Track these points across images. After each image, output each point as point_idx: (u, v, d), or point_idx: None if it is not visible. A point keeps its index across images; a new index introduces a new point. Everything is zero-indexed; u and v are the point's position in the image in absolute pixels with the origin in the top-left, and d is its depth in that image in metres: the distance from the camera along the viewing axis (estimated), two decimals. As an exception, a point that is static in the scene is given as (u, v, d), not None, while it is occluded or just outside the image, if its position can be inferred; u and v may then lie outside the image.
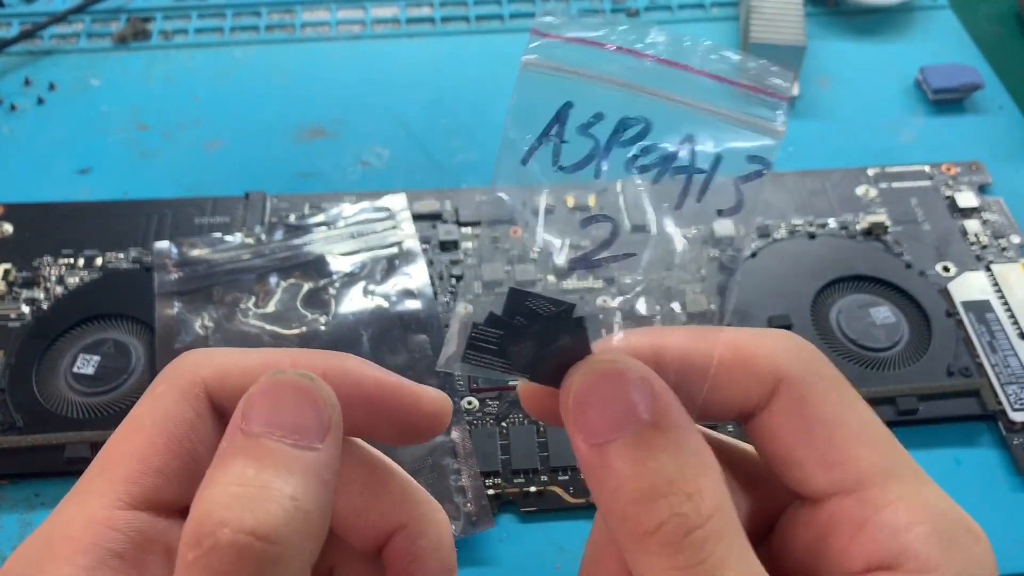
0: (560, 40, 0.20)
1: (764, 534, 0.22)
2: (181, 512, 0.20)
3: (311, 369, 0.21)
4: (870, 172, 0.48)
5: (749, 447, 0.22)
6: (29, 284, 0.43)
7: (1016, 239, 0.45)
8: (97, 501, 0.19)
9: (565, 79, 0.20)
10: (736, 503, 0.21)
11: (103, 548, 0.18)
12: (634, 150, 0.20)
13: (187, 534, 0.17)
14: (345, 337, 0.40)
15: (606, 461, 0.18)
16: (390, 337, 0.40)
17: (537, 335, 0.20)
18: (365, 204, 0.45)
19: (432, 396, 0.22)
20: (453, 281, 0.44)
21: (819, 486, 0.19)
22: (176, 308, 0.41)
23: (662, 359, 0.20)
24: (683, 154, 0.20)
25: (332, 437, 0.19)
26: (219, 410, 0.21)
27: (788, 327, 0.40)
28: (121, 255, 0.44)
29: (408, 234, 0.44)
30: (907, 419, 0.38)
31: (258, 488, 0.17)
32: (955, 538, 0.18)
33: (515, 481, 0.36)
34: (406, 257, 0.43)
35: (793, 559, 0.21)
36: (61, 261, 0.44)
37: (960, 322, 0.41)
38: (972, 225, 0.45)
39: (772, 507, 0.22)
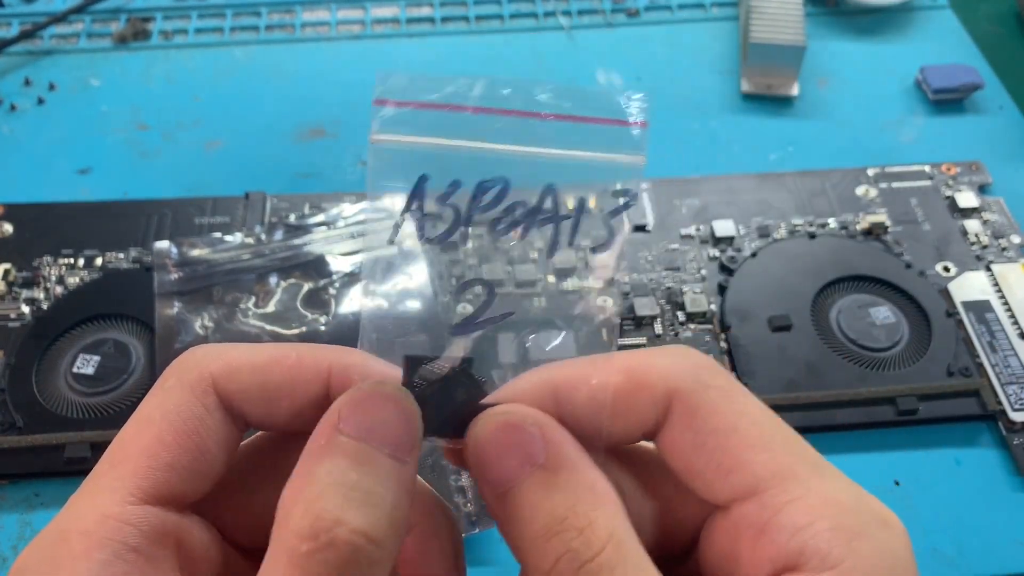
0: (407, 107, 0.20)
1: (692, 543, 0.22)
2: (191, 506, 0.21)
3: (317, 364, 0.21)
4: (870, 172, 0.48)
5: None
6: (29, 284, 0.43)
7: (1016, 239, 0.45)
8: (109, 496, 0.19)
9: (417, 150, 0.20)
10: (658, 510, 0.22)
11: (118, 542, 0.19)
12: (497, 212, 0.21)
13: (300, 526, 0.18)
14: (345, 337, 0.40)
15: (509, 508, 0.19)
16: (390, 337, 0.40)
17: (436, 395, 0.21)
18: (365, 204, 0.45)
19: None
20: (453, 281, 0.44)
21: (721, 494, 0.20)
22: (176, 308, 0.41)
23: (560, 396, 0.21)
24: (546, 205, 0.21)
25: (416, 452, 0.20)
26: (227, 405, 0.21)
27: (788, 327, 0.40)
28: (121, 255, 0.44)
29: (408, 234, 0.44)
30: (907, 419, 0.38)
31: (365, 493, 0.18)
32: (859, 530, 0.18)
33: (515, 481, 0.36)
34: (406, 257, 0.43)
35: (715, 567, 0.21)
36: (61, 261, 0.44)
37: (960, 322, 0.41)
38: (972, 225, 0.45)
39: (697, 513, 0.22)
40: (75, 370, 0.39)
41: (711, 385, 0.20)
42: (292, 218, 0.45)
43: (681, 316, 0.42)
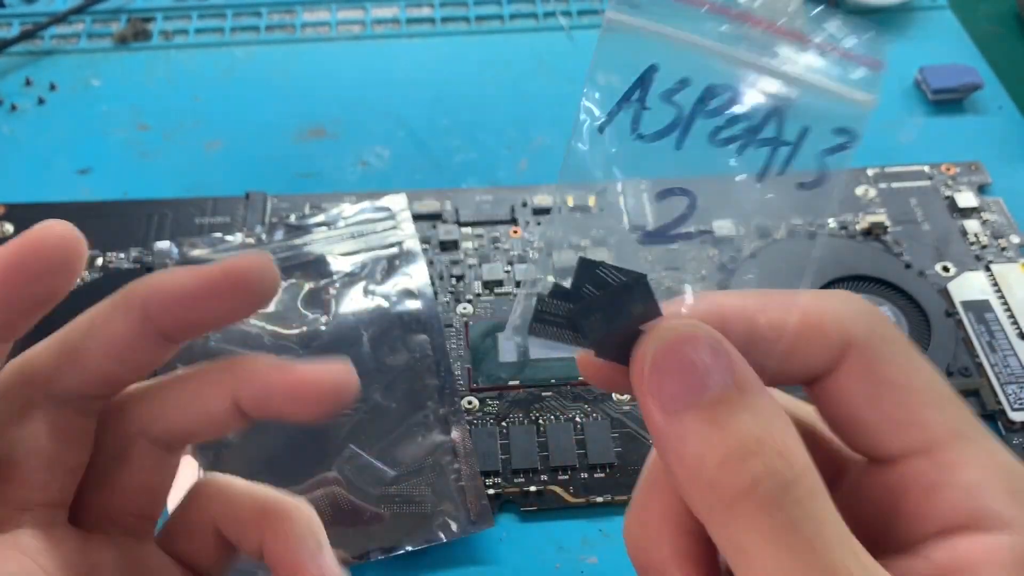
0: None
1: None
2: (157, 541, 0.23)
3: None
4: (870, 172, 0.48)
5: (800, 408, 0.22)
6: (30, 284, 0.43)
7: (1015, 239, 0.45)
8: None
9: (650, 38, 0.18)
10: None
11: None
12: (719, 121, 0.19)
13: None
14: (345, 337, 0.40)
15: (685, 428, 0.18)
16: (390, 337, 0.40)
17: (606, 306, 0.19)
18: (365, 204, 0.45)
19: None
20: (453, 281, 0.44)
21: (890, 448, 0.19)
22: (176, 308, 0.41)
23: (729, 326, 0.20)
24: (770, 127, 0.19)
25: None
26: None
27: (788, 327, 0.40)
28: (122, 255, 0.44)
29: (408, 234, 0.44)
30: (907, 419, 0.38)
31: None
32: None
33: (515, 481, 0.36)
34: (406, 257, 0.43)
35: (857, 523, 0.20)
36: (61, 261, 0.44)
37: (960, 322, 0.41)
38: (972, 225, 0.45)
39: (829, 469, 0.21)
40: (76, 370, 0.39)
41: (888, 337, 0.20)
42: (292, 218, 0.45)
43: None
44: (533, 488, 0.36)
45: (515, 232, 0.45)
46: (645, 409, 0.19)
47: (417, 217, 0.45)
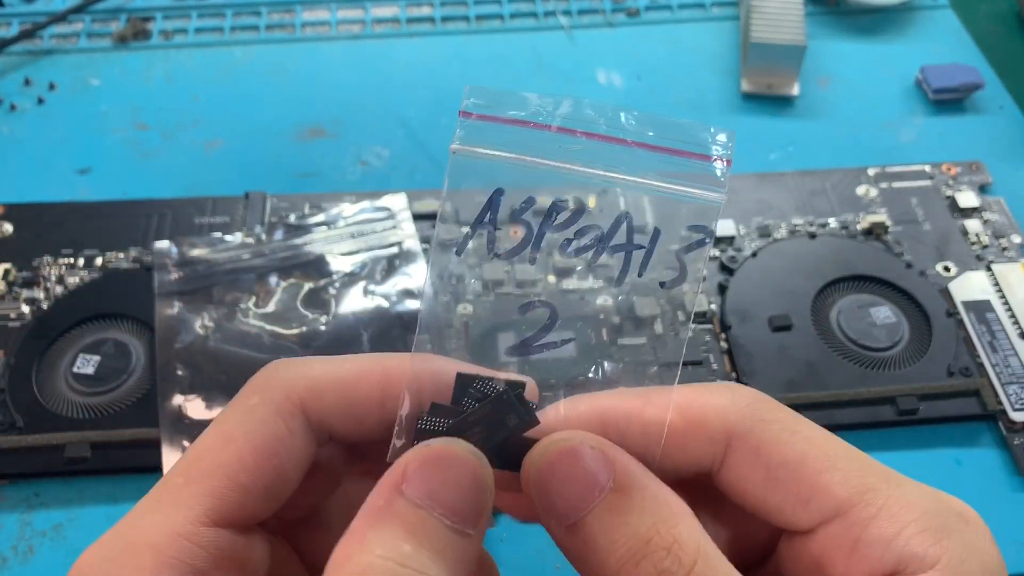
0: (489, 121, 0.20)
1: (765, 556, 0.22)
2: (258, 526, 0.21)
3: (402, 377, 0.21)
4: (870, 172, 0.48)
5: None
6: (29, 284, 0.43)
7: (1017, 239, 0.45)
8: (183, 514, 0.19)
9: (496, 163, 0.20)
10: (727, 534, 0.22)
11: (186, 564, 0.18)
12: (568, 233, 0.20)
13: None
14: (345, 337, 0.40)
15: (582, 538, 0.19)
16: (390, 337, 0.40)
17: (485, 418, 0.20)
18: (365, 204, 0.45)
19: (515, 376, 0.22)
20: (453, 281, 0.43)
21: (802, 522, 0.20)
22: (176, 308, 0.41)
23: (609, 428, 0.20)
24: (620, 232, 0.20)
25: (483, 523, 0.19)
26: (313, 425, 0.21)
27: (788, 327, 0.40)
28: (121, 255, 0.44)
29: (408, 234, 0.44)
30: (907, 419, 0.38)
31: (414, 572, 0.17)
32: (945, 527, 0.19)
33: (515, 481, 0.36)
34: (406, 257, 0.43)
35: None
36: (61, 261, 0.44)
37: (960, 322, 0.41)
38: (972, 225, 0.45)
39: (768, 530, 0.22)
40: (75, 370, 0.39)
41: (770, 420, 0.20)
42: (292, 218, 0.45)
43: (681, 316, 0.42)
44: (533, 488, 0.36)
45: (515, 232, 0.45)
46: (545, 526, 0.20)
47: (417, 217, 0.45)
